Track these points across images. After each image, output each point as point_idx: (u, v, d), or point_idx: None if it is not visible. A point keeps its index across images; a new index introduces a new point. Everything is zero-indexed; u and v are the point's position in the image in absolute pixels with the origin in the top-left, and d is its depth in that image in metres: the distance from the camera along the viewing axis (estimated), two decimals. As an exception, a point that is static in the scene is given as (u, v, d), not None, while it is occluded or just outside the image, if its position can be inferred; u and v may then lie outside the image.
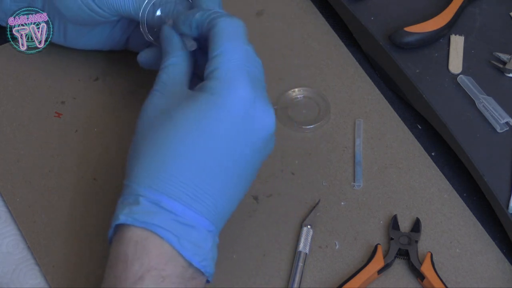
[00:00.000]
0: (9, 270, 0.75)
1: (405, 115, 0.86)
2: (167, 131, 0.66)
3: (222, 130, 0.65)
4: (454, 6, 0.88)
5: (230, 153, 0.66)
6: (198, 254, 0.64)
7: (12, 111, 0.84)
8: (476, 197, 0.80)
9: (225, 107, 0.66)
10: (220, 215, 0.66)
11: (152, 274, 0.62)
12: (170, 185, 0.64)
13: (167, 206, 0.64)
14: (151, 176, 0.65)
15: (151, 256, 0.63)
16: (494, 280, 0.75)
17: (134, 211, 0.64)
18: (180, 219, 0.64)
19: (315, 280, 0.75)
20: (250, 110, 0.66)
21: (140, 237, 0.64)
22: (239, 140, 0.66)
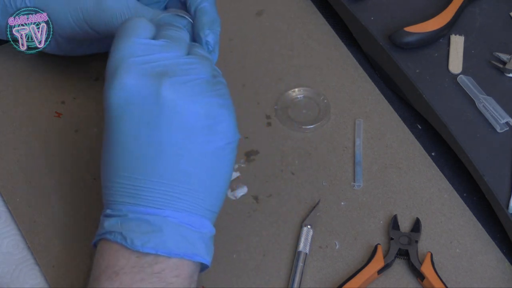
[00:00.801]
0: (9, 270, 0.75)
1: (405, 115, 0.86)
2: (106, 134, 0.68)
3: (117, 125, 0.66)
4: (454, 6, 0.88)
5: (138, 142, 0.66)
6: (146, 240, 0.64)
7: (12, 111, 0.84)
8: (476, 197, 0.80)
9: (107, 105, 0.66)
10: (175, 198, 0.66)
11: (106, 272, 0.65)
12: (111, 191, 0.67)
13: (111, 211, 0.67)
14: (102, 192, 0.68)
15: (103, 257, 0.66)
16: (494, 280, 0.75)
17: (99, 228, 0.68)
18: (123, 217, 0.66)
19: (315, 280, 0.75)
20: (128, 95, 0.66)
21: (98, 247, 0.67)
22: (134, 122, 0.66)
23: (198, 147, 0.66)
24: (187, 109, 0.66)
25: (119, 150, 0.66)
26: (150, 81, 0.66)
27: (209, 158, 0.67)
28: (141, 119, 0.65)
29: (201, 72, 0.67)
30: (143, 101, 0.65)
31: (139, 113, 0.65)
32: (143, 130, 0.65)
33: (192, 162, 0.66)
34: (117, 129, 0.66)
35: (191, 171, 0.66)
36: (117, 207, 0.66)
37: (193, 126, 0.66)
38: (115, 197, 0.66)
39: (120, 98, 0.65)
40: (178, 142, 0.66)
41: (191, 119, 0.66)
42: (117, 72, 0.66)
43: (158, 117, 0.65)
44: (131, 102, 0.65)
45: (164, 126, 0.65)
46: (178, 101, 0.65)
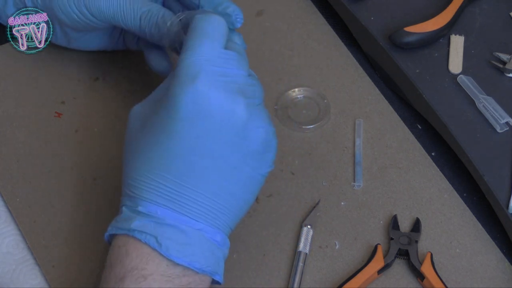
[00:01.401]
0: (9, 270, 0.75)
1: (405, 115, 0.86)
2: (137, 137, 0.68)
3: (181, 128, 0.65)
4: (454, 6, 0.88)
5: (195, 150, 0.65)
6: (182, 251, 0.64)
7: (12, 111, 0.84)
8: (476, 197, 0.80)
9: (177, 106, 0.65)
10: (211, 213, 0.66)
11: (133, 274, 0.64)
12: (146, 188, 0.65)
13: (144, 209, 0.65)
14: (128, 183, 0.67)
15: (131, 257, 0.64)
16: (494, 280, 0.75)
17: (117, 220, 0.67)
18: (158, 220, 0.65)
19: (315, 280, 0.75)
20: (203, 105, 0.65)
21: (122, 243, 0.65)
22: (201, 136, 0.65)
23: (249, 170, 0.67)
24: (254, 132, 0.67)
25: (168, 152, 0.65)
26: (227, 97, 0.65)
27: (252, 182, 0.68)
28: (205, 130, 0.65)
29: (260, 95, 0.69)
30: (214, 114, 0.65)
31: (206, 124, 0.65)
32: (204, 141, 0.65)
33: (238, 184, 0.67)
34: (175, 131, 0.65)
35: (234, 192, 0.66)
36: (151, 207, 0.65)
37: (253, 150, 0.67)
38: (151, 196, 0.65)
39: (192, 104, 0.65)
40: (235, 162, 0.66)
41: (254, 143, 0.67)
42: (198, 78, 0.65)
43: (225, 134, 0.65)
44: (202, 112, 0.65)
45: (229, 144, 0.66)
46: (249, 123, 0.66)
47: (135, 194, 0.66)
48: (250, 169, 0.67)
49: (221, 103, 0.65)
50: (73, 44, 0.84)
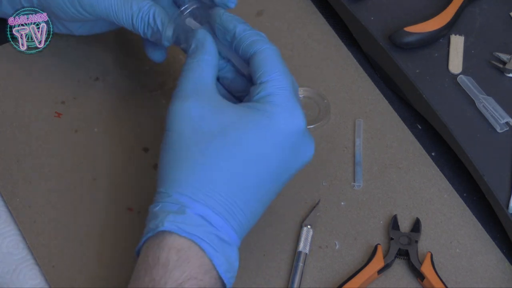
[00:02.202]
0: (9, 270, 0.75)
1: (405, 115, 0.86)
2: (220, 146, 0.67)
3: (273, 154, 0.68)
4: (454, 6, 0.88)
5: (272, 177, 0.68)
6: (229, 270, 0.66)
7: (12, 111, 0.84)
8: (476, 197, 0.80)
9: (284, 133, 0.68)
10: (245, 232, 0.68)
11: (192, 283, 0.64)
12: (214, 199, 0.66)
13: (211, 219, 0.65)
14: (198, 188, 0.66)
15: (192, 265, 0.64)
16: (494, 280, 0.75)
17: (179, 220, 0.65)
18: (219, 233, 0.65)
19: (315, 280, 0.75)
20: (300, 139, 0.69)
21: (182, 246, 0.65)
22: (283, 166, 0.69)
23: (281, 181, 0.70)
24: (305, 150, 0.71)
25: (257, 175, 0.68)
26: (307, 133, 0.71)
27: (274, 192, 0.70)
28: (293, 159, 0.70)
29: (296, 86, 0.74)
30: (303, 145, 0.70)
31: (296, 154, 0.70)
32: (287, 171, 0.70)
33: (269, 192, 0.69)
34: (270, 157, 0.68)
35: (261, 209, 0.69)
36: (211, 215, 0.66)
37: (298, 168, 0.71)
38: (213, 204, 0.66)
39: (294, 136, 0.69)
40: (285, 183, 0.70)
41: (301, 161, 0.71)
42: (298, 110, 0.70)
43: (301, 166, 0.71)
44: (298, 143, 0.69)
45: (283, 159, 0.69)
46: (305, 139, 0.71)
47: (204, 200, 0.66)
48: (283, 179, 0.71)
49: (306, 136, 0.70)
50: (76, 32, 0.84)
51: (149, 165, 0.81)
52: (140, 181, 0.79)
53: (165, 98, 0.85)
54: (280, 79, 0.70)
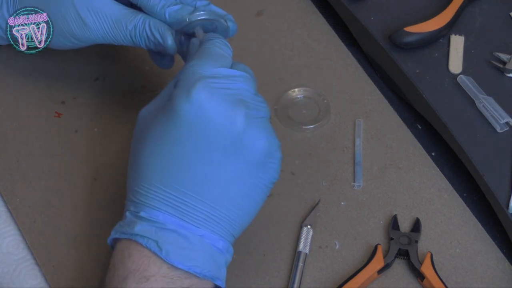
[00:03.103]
0: (9, 270, 0.75)
1: (405, 115, 0.86)
2: (141, 144, 0.68)
3: (181, 135, 0.66)
4: (454, 6, 0.88)
5: (196, 157, 0.66)
6: (182, 255, 0.65)
7: (12, 111, 0.84)
8: (476, 197, 0.80)
9: (178, 113, 0.66)
10: (213, 220, 0.66)
11: (135, 275, 0.64)
12: (148, 195, 0.66)
13: (146, 215, 0.66)
14: (132, 189, 0.68)
15: (133, 259, 0.65)
16: (494, 280, 0.75)
17: (120, 225, 0.68)
18: (160, 225, 0.65)
19: (315, 280, 0.75)
20: (203, 112, 0.66)
21: (125, 246, 0.66)
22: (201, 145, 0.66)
23: (251, 180, 0.67)
24: (254, 142, 0.67)
25: (170, 158, 0.66)
26: (227, 106, 0.66)
27: (255, 192, 0.68)
28: (205, 137, 0.66)
29: (267, 112, 0.69)
30: (213, 121, 0.66)
31: (205, 131, 0.66)
32: (204, 148, 0.66)
33: (239, 192, 0.67)
34: (175, 138, 0.66)
35: (235, 200, 0.67)
36: (153, 213, 0.66)
37: (254, 160, 0.67)
38: (153, 202, 0.66)
39: (192, 111, 0.65)
40: (236, 171, 0.67)
41: (255, 153, 0.67)
42: (197, 86, 0.66)
43: (224, 141, 0.66)
44: (201, 118, 0.65)
45: (229, 152, 0.66)
46: (248, 132, 0.66)
47: (138, 200, 0.67)
48: (252, 179, 0.67)
49: (220, 111, 0.66)
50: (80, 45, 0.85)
51: (149, 165, 0.81)
52: (140, 181, 0.79)
53: (165, 98, 0.85)
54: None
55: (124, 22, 0.77)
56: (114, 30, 0.77)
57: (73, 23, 0.78)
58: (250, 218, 0.69)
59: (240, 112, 0.66)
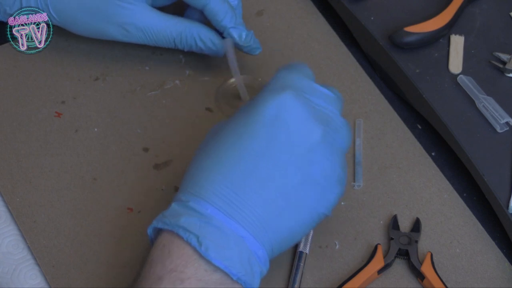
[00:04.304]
0: (9, 270, 0.75)
1: (405, 115, 0.86)
2: (211, 137, 0.69)
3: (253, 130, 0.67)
4: (454, 6, 0.88)
5: (262, 156, 0.66)
6: (220, 253, 0.63)
7: (12, 111, 0.84)
8: (476, 197, 0.80)
9: (259, 108, 0.67)
10: (259, 224, 0.65)
11: (171, 276, 0.63)
12: (202, 185, 0.65)
13: (194, 205, 0.65)
14: (188, 179, 0.67)
15: (172, 258, 0.64)
16: (494, 280, 0.75)
17: (164, 215, 0.66)
18: (205, 219, 0.64)
19: (315, 280, 0.75)
20: (285, 114, 0.67)
21: (167, 240, 0.65)
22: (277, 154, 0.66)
23: (305, 199, 0.67)
24: (321, 162, 0.67)
25: (238, 153, 0.66)
26: (309, 117, 0.67)
27: (305, 213, 0.67)
28: (276, 138, 0.66)
29: (345, 141, 0.70)
30: (290, 126, 0.66)
31: (279, 133, 0.66)
32: (272, 148, 0.66)
33: (290, 205, 0.66)
34: (249, 134, 0.66)
35: (285, 212, 0.66)
36: (203, 204, 0.65)
37: (314, 180, 0.67)
38: (206, 193, 0.65)
39: (273, 112, 0.66)
40: (295, 182, 0.66)
41: (318, 172, 0.67)
42: (288, 90, 0.67)
43: (294, 149, 0.66)
44: (280, 119, 0.66)
45: (293, 161, 0.66)
46: (320, 150, 0.67)
47: (191, 189, 0.66)
48: (306, 199, 0.67)
49: (300, 119, 0.66)
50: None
51: (149, 165, 0.81)
52: (140, 181, 0.79)
53: (165, 98, 0.85)
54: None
55: (168, 31, 0.81)
56: (157, 38, 0.81)
57: (116, 32, 0.81)
58: (292, 237, 0.68)
59: (319, 127, 0.67)
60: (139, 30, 0.81)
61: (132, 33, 0.81)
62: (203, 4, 0.82)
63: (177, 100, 0.85)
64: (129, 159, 0.81)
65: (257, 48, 0.85)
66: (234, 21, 0.83)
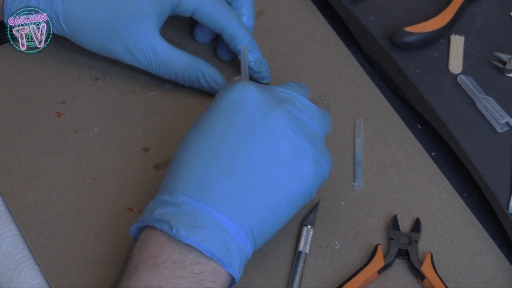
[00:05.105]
0: (9, 270, 0.75)
1: (405, 115, 0.86)
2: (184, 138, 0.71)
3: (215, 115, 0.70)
4: (454, 6, 0.88)
5: (225, 139, 0.68)
6: (191, 232, 0.64)
7: (12, 111, 0.84)
8: (476, 197, 0.80)
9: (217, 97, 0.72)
10: (231, 205, 0.66)
11: (147, 262, 0.65)
12: (174, 178, 0.68)
13: (167, 198, 0.67)
14: (166, 176, 0.70)
15: (148, 247, 0.66)
16: (494, 280, 0.75)
17: (143, 215, 0.68)
18: (177, 207, 0.66)
19: (315, 280, 0.75)
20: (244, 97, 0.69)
21: (144, 235, 0.67)
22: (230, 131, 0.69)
23: (280, 178, 0.68)
24: (283, 137, 0.69)
25: (203, 142, 0.68)
26: (270, 99, 0.70)
27: (278, 189, 0.68)
28: (237, 120, 0.68)
29: (319, 123, 0.72)
30: (249, 107, 0.69)
31: (240, 114, 0.68)
32: (234, 131, 0.68)
33: (262, 183, 0.67)
34: (209, 122, 0.69)
35: (257, 192, 0.67)
36: (175, 195, 0.66)
37: (285, 156, 0.68)
38: (177, 184, 0.67)
39: (231, 97, 0.69)
40: (261, 160, 0.67)
41: (285, 148, 0.68)
42: (247, 84, 0.70)
43: (253, 127, 0.68)
44: (239, 104, 0.69)
45: (255, 139, 0.68)
46: (281, 124, 0.69)
47: (164, 185, 0.68)
48: (276, 176, 0.68)
49: (260, 100, 0.69)
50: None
51: (149, 165, 0.81)
52: (140, 181, 0.79)
53: (165, 98, 0.85)
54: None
55: (172, 65, 0.82)
56: (159, 68, 0.82)
57: (122, 54, 0.82)
58: (274, 218, 0.69)
59: (279, 104, 0.69)
60: (145, 57, 0.81)
61: (138, 58, 0.81)
62: (221, 28, 0.83)
63: (177, 100, 0.85)
64: (129, 159, 0.81)
65: (267, 77, 0.86)
66: (251, 45, 0.84)
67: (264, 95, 0.70)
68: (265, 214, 0.68)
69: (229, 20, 0.82)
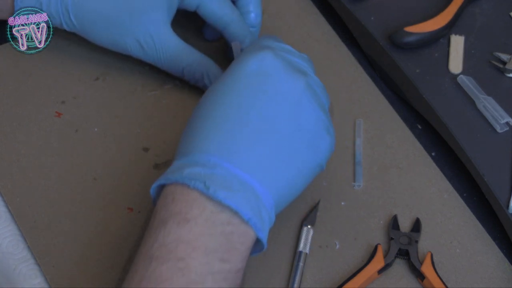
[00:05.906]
0: (9, 270, 0.75)
1: (405, 115, 0.86)
2: (200, 101, 0.71)
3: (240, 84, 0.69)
4: (454, 6, 0.88)
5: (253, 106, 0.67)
6: (229, 194, 0.64)
7: (12, 111, 0.84)
8: (476, 197, 0.80)
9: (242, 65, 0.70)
10: (264, 171, 0.66)
11: (176, 217, 0.63)
12: (203, 140, 0.66)
13: (197, 158, 0.66)
14: (184, 142, 0.68)
15: (176, 203, 0.64)
16: (494, 280, 0.75)
17: (167, 173, 0.67)
18: (209, 169, 0.65)
19: (315, 280, 0.75)
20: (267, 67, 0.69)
21: (170, 191, 0.65)
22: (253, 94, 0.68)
23: (301, 148, 0.68)
24: (308, 111, 0.69)
25: (230, 108, 0.67)
26: (292, 70, 0.69)
27: (303, 162, 0.69)
28: (263, 89, 0.68)
29: (325, 96, 0.73)
30: (275, 79, 0.68)
31: (266, 83, 0.68)
32: (261, 100, 0.67)
33: (289, 153, 0.67)
34: (236, 90, 0.68)
35: (284, 159, 0.67)
36: (205, 156, 0.65)
37: (306, 129, 0.69)
38: (206, 146, 0.66)
39: (255, 66, 0.69)
40: (288, 131, 0.67)
41: (308, 121, 0.69)
42: (265, 50, 0.70)
43: (281, 99, 0.68)
44: (264, 74, 0.68)
45: (283, 110, 0.68)
46: (306, 99, 0.69)
47: (190, 147, 0.67)
48: (301, 147, 0.68)
49: (283, 70, 0.69)
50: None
51: (149, 165, 0.81)
52: (140, 181, 0.79)
53: (165, 98, 0.85)
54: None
55: (180, 59, 0.82)
56: (168, 61, 0.82)
57: (132, 46, 0.81)
58: (295, 188, 0.69)
59: (302, 76, 0.69)
60: (154, 50, 0.81)
61: (147, 51, 0.81)
62: (224, 26, 0.83)
63: (177, 100, 0.85)
64: (129, 159, 0.81)
65: None
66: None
67: (284, 63, 0.69)
68: (290, 184, 0.68)
69: (231, 18, 0.83)
